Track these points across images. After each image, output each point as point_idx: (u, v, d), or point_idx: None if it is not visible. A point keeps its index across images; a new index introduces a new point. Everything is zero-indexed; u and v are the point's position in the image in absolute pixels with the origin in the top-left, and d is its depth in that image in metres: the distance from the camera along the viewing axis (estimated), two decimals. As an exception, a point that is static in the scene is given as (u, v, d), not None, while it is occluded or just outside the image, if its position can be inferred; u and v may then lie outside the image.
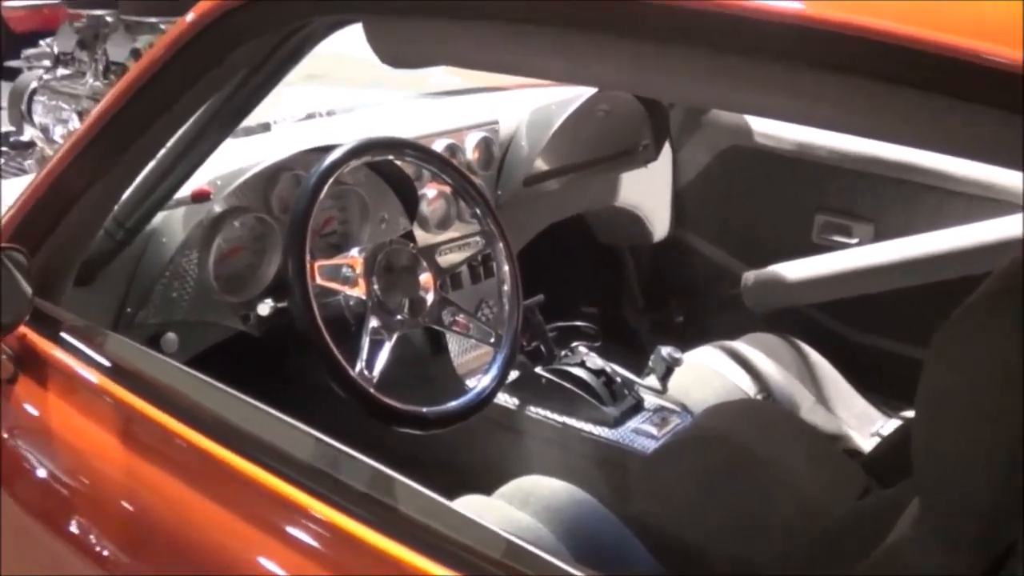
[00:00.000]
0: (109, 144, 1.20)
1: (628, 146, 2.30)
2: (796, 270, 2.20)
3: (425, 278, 1.51)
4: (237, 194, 1.61)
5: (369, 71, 1.48)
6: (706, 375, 1.82)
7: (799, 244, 2.23)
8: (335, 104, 2.20)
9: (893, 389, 1.74)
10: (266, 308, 1.60)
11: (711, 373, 1.82)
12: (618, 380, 1.79)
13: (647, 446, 1.67)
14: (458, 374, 1.92)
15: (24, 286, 1.16)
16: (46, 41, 4.07)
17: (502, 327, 1.58)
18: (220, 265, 1.61)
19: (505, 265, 1.60)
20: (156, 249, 1.52)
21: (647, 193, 2.41)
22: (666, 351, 1.78)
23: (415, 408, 1.39)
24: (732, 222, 2.41)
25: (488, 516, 1.02)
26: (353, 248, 1.53)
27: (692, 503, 1.40)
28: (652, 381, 1.80)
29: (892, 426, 1.79)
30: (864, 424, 1.80)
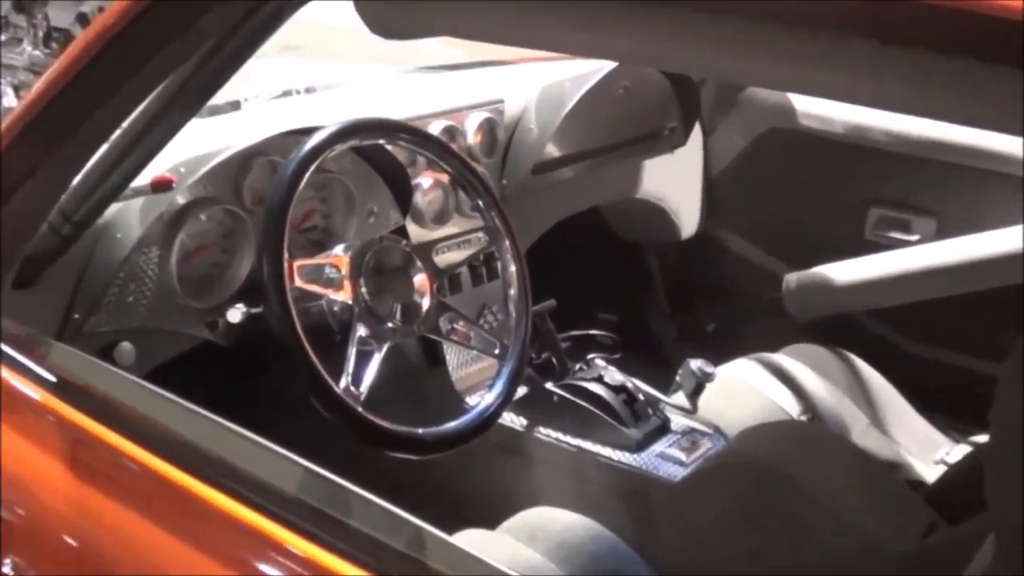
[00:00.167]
0: (53, 125, 1.20)
1: (652, 129, 2.30)
2: (846, 272, 2.20)
3: (420, 280, 1.51)
4: (203, 183, 1.61)
5: (354, 42, 1.48)
6: (742, 392, 1.82)
7: (850, 241, 2.23)
8: (315, 80, 2.20)
9: (960, 410, 1.74)
10: (237, 314, 1.60)
11: (748, 390, 1.83)
12: (641, 397, 1.79)
13: (674, 473, 1.67)
14: (457, 390, 1.92)
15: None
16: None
17: (508, 336, 1.58)
18: (184, 265, 1.61)
19: (511, 265, 1.60)
20: (109, 246, 1.52)
21: (674, 183, 2.41)
22: (696, 364, 1.77)
23: (409, 429, 1.38)
24: (772, 216, 2.41)
25: (492, 553, 1.02)
26: (337, 246, 1.53)
27: (726, 540, 1.40)
28: (680, 399, 1.80)
29: (960, 453, 1.78)
30: (927, 450, 1.80)
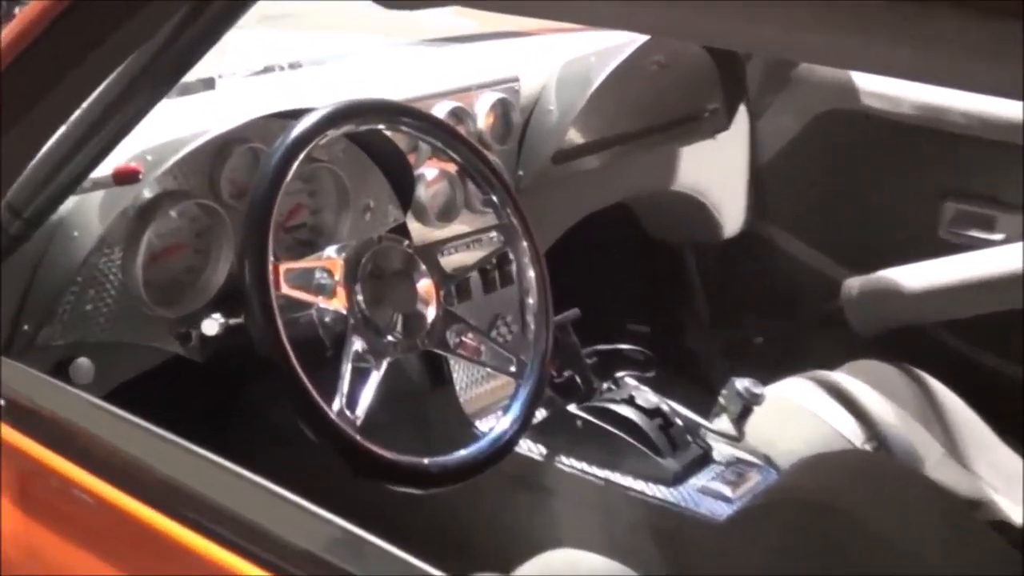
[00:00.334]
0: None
1: (691, 111, 2.30)
2: (917, 276, 2.20)
3: (424, 286, 1.51)
4: (174, 173, 1.61)
5: (345, 10, 1.47)
6: (796, 416, 1.82)
7: (921, 241, 2.23)
8: (300, 53, 2.20)
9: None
10: (213, 326, 1.59)
11: (803, 413, 1.82)
12: (678, 422, 1.79)
13: (718, 511, 1.67)
14: (466, 413, 1.92)
15: None
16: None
17: (525, 351, 1.58)
18: (151, 268, 1.60)
19: (529, 270, 1.60)
20: (64, 246, 1.52)
21: (716, 173, 2.42)
22: (742, 384, 1.77)
23: (412, 459, 1.38)
24: (829, 211, 2.41)
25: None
26: (329, 247, 1.53)
27: (780, 590, 1.38)
28: (724, 424, 1.79)
29: (1053, 488, 1.77)
30: (1014, 485, 1.79)
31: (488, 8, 1.04)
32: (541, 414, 1.76)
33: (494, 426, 1.52)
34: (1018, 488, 1.79)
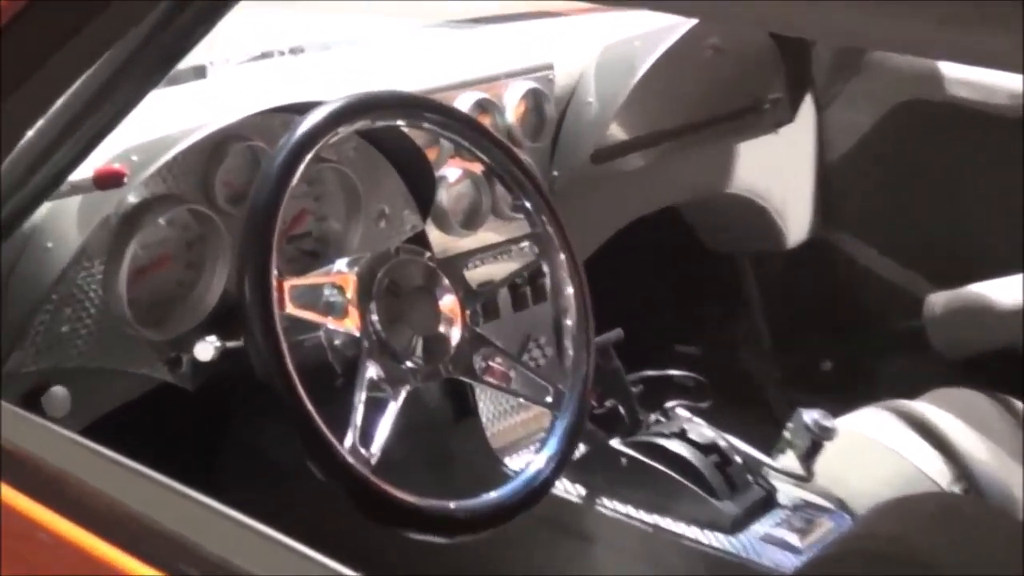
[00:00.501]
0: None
1: (749, 102, 2.31)
2: (1011, 291, 2.19)
3: (447, 304, 1.51)
4: (163, 176, 1.61)
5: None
6: (872, 453, 1.82)
7: (1016, 252, 2.21)
8: (302, 37, 2.21)
9: None
10: (207, 350, 1.59)
11: (880, 450, 1.82)
12: (737, 460, 1.79)
13: (784, 563, 1.67)
14: (494, 449, 1.92)
15: None
16: None
17: (562, 379, 1.58)
18: (137, 284, 1.61)
19: (567, 286, 1.60)
20: (38, 259, 1.53)
21: (777, 173, 2.42)
22: (809, 416, 1.77)
23: (435, 503, 1.38)
24: (908, 217, 2.41)
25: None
26: (339, 260, 1.53)
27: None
28: (789, 461, 1.80)
29: None
30: (1124, 532, 1.77)
31: None
32: (580, 449, 1.75)
33: (527, 464, 1.52)
34: None
